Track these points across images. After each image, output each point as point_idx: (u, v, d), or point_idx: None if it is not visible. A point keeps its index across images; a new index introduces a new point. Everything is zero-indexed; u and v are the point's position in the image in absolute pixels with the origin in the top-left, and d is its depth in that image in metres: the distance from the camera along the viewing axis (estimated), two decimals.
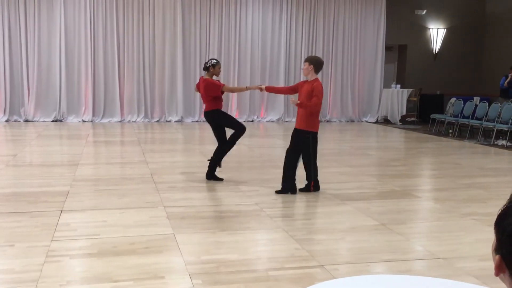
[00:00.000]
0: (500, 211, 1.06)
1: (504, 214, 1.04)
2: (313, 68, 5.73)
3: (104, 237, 4.19)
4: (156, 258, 3.75)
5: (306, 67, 5.79)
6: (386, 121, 15.13)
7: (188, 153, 8.92)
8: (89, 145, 9.38)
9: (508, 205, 1.05)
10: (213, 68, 6.30)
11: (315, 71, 5.75)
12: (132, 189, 5.90)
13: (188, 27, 13.77)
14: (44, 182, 6.19)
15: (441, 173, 7.58)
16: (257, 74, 14.25)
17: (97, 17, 13.20)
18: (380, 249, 4.10)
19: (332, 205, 5.51)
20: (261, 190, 6.05)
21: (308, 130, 5.75)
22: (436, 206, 5.57)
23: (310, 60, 5.79)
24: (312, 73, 5.76)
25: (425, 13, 15.48)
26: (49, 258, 3.70)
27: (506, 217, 1.03)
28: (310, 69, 5.74)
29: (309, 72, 5.78)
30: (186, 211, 5.05)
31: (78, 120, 13.26)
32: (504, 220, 1.03)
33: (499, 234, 1.04)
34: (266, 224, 4.72)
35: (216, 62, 6.37)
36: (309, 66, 5.75)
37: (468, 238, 4.47)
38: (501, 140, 10.82)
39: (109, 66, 13.40)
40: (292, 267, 3.66)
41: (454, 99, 12.99)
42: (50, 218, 4.66)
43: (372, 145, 10.83)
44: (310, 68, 5.74)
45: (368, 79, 15.25)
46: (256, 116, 14.43)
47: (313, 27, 14.66)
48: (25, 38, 12.87)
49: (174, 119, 13.83)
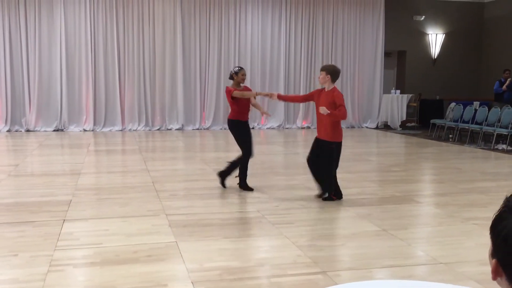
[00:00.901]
0: (495, 215, 1.08)
1: (498, 219, 1.07)
2: (330, 77, 5.68)
3: (106, 246, 4.21)
4: (158, 266, 3.77)
5: (323, 76, 5.71)
6: (386, 127, 15.16)
7: (189, 161, 8.95)
8: (90, 154, 9.41)
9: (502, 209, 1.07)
10: (236, 75, 6.30)
11: (332, 80, 5.70)
12: (134, 198, 5.92)
13: (188, 35, 13.84)
14: (46, 192, 6.21)
15: (441, 178, 7.60)
16: (257, 80, 14.30)
17: (98, 26, 13.28)
18: (382, 254, 4.12)
19: (333, 211, 5.53)
20: (263, 197, 6.07)
21: (333, 141, 5.73)
22: (437, 211, 5.58)
23: (327, 69, 5.72)
24: (329, 83, 5.70)
25: (423, 19, 15.55)
26: (53, 267, 3.72)
27: (501, 221, 1.05)
28: (328, 78, 5.68)
29: (326, 81, 5.71)
30: (188, 218, 5.07)
31: (79, 129, 13.30)
32: (498, 225, 1.05)
33: (494, 238, 1.06)
34: (268, 231, 4.74)
35: (239, 69, 6.34)
36: (326, 75, 5.68)
37: (469, 242, 4.48)
38: (501, 144, 10.84)
39: (109, 75, 13.45)
40: (295, 273, 3.68)
41: (453, 104, 13.02)
42: (53, 228, 4.68)
43: (372, 151, 10.86)
44: (327, 78, 5.68)
45: (367, 85, 15.29)
46: (257, 123, 14.47)
47: (312, 34, 14.73)
48: (25, 48, 12.93)
49: (175, 127, 13.87)
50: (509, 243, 1.02)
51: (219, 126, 14.12)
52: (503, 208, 1.08)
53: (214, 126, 14.11)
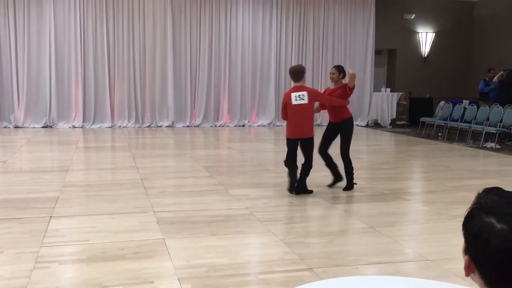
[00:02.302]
0: (467, 212, 1.08)
1: (470, 215, 1.07)
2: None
3: (93, 243, 4.18)
4: (145, 263, 3.75)
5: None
6: (376, 125, 15.22)
7: (179, 158, 8.92)
8: (79, 151, 9.35)
9: (474, 206, 1.08)
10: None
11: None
12: (122, 195, 5.89)
13: (178, 33, 13.79)
14: (34, 188, 6.16)
15: (430, 175, 7.64)
16: (247, 79, 14.29)
17: (87, 23, 13.19)
18: (369, 251, 4.13)
19: (321, 208, 5.54)
20: (252, 194, 6.06)
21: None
22: (425, 209, 5.61)
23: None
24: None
25: (413, 17, 15.61)
26: (38, 264, 3.69)
27: (472, 218, 1.06)
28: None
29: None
30: (176, 216, 5.05)
31: (68, 126, 13.21)
32: (470, 221, 1.06)
33: (466, 235, 1.06)
34: (256, 228, 4.74)
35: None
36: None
37: (456, 240, 4.50)
38: (489, 142, 10.92)
39: (99, 72, 13.37)
40: (282, 270, 3.68)
41: (443, 103, 13.09)
42: (40, 224, 4.65)
43: (362, 149, 10.88)
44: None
45: (358, 83, 15.26)
46: (247, 121, 14.46)
47: (303, 32, 14.73)
48: (14, 44, 12.82)
49: (165, 124, 13.83)
50: (480, 239, 1.02)
51: (209, 124, 14.09)
52: (474, 205, 1.09)
53: (205, 124, 14.08)
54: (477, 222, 1.04)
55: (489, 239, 1.01)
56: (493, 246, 1.00)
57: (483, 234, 1.02)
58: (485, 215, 1.04)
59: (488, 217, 1.04)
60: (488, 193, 1.09)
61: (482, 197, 1.08)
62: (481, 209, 1.06)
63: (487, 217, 1.04)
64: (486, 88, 12.77)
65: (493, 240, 1.00)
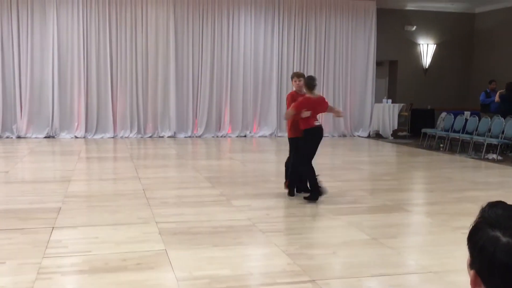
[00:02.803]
0: (471, 226, 1.09)
1: (475, 229, 1.07)
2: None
3: (95, 254, 4.18)
4: (148, 275, 3.75)
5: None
6: (378, 136, 15.22)
7: (181, 168, 8.93)
8: (81, 161, 9.36)
9: (478, 220, 1.08)
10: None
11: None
12: (124, 205, 5.89)
13: (180, 42, 13.85)
14: (36, 199, 6.17)
15: (432, 187, 7.63)
16: (249, 90, 14.33)
17: (90, 33, 13.26)
18: (371, 263, 4.12)
19: (324, 219, 5.53)
20: (254, 205, 6.06)
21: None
22: (427, 220, 5.60)
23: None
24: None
25: (415, 29, 15.68)
26: (40, 275, 3.68)
27: (477, 232, 1.06)
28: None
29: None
30: (178, 226, 5.05)
31: (70, 136, 13.24)
32: (475, 235, 1.06)
33: (472, 249, 1.06)
34: (258, 239, 4.73)
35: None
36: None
37: (459, 252, 4.47)
38: (491, 154, 10.91)
39: (101, 82, 13.42)
40: (284, 282, 3.67)
41: (444, 114, 13.11)
42: (42, 235, 4.65)
43: (364, 160, 10.89)
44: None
45: (359, 94, 15.37)
46: (249, 131, 14.47)
47: (304, 42, 14.79)
48: (17, 53, 12.88)
49: (167, 134, 13.84)
50: (485, 253, 1.03)
51: (211, 134, 14.11)
52: (479, 219, 1.09)
53: (206, 134, 14.10)
54: (482, 236, 1.05)
55: (495, 253, 1.01)
56: (498, 260, 1.01)
57: (489, 248, 1.03)
58: (490, 229, 1.05)
59: (493, 230, 1.04)
60: (492, 207, 1.10)
61: (487, 211, 1.09)
62: (486, 223, 1.06)
63: (492, 231, 1.04)
64: (487, 100, 12.78)
65: (499, 254, 1.01)
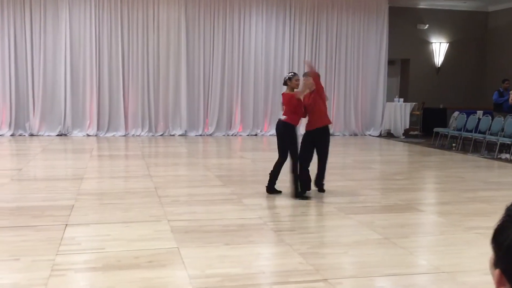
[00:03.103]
0: (497, 225, 1.07)
1: (500, 228, 1.06)
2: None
3: (108, 251, 4.21)
4: (160, 272, 3.76)
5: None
6: (389, 135, 15.15)
7: (192, 167, 8.95)
8: (93, 159, 9.42)
9: (504, 219, 1.07)
10: (290, 81, 6.48)
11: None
12: (136, 203, 5.92)
13: (192, 42, 13.88)
14: (49, 196, 6.22)
15: (444, 186, 7.58)
16: (260, 89, 14.32)
17: (102, 32, 13.34)
18: (383, 263, 4.10)
19: (336, 218, 5.52)
20: (265, 203, 6.06)
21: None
22: (440, 220, 5.57)
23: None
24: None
25: (427, 27, 15.57)
26: (54, 272, 3.72)
27: (503, 231, 1.05)
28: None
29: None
30: (190, 224, 5.07)
31: (82, 134, 13.33)
32: (500, 235, 1.05)
33: (497, 248, 1.05)
34: (270, 238, 4.73)
35: (292, 75, 6.54)
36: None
37: (472, 252, 4.46)
38: (504, 153, 10.81)
39: (113, 81, 13.50)
40: (296, 281, 3.67)
41: (457, 113, 13.00)
42: (55, 232, 4.68)
43: (375, 159, 10.84)
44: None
45: (371, 93, 15.30)
46: (260, 130, 14.47)
47: (316, 42, 14.76)
48: (30, 53, 13.00)
49: (178, 133, 13.89)
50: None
51: (222, 133, 14.13)
52: (504, 218, 1.08)
53: (217, 133, 14.12)
54: (509, 235, 1.04)
55: None
56: None
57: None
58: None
59: None
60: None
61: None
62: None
63: None
64: (501, 99, 12.66)
65: None
